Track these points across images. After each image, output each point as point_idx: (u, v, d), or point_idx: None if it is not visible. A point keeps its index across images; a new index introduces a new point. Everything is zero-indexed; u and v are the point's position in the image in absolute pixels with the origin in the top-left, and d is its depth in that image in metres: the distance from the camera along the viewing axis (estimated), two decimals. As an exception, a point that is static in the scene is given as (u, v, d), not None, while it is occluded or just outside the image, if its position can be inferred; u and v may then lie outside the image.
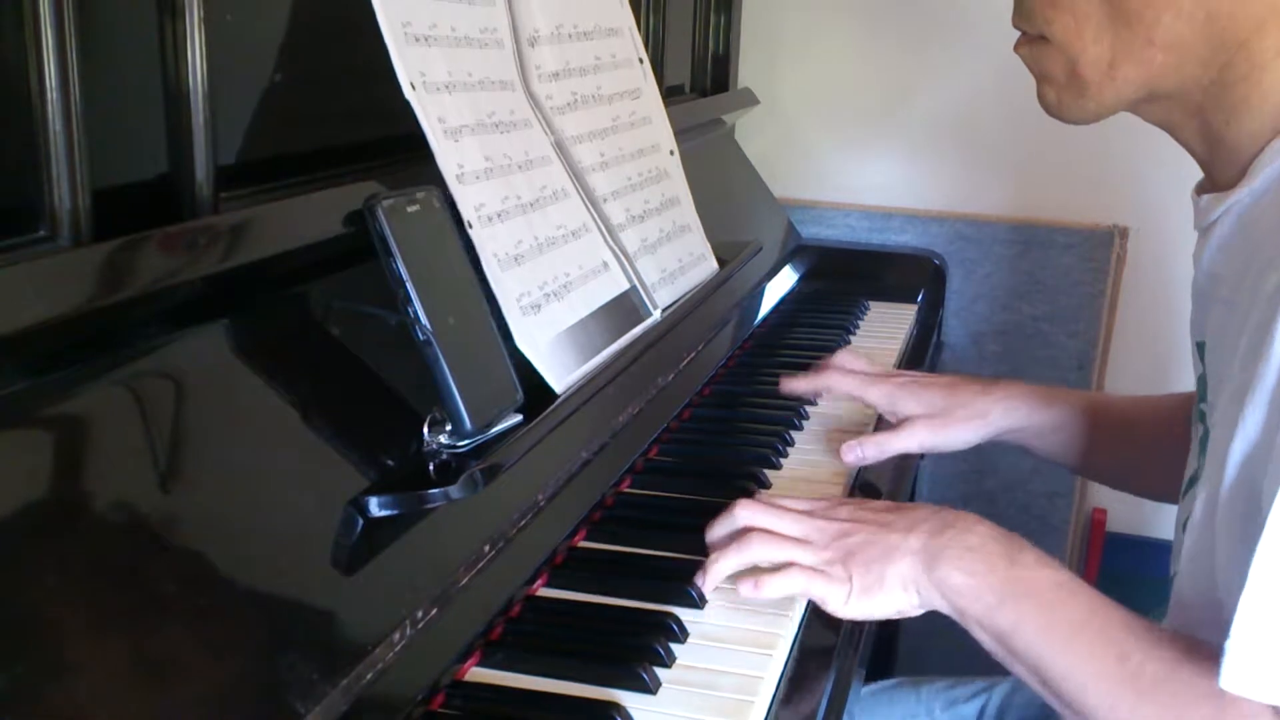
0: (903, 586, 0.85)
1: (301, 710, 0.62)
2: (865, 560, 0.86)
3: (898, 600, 0.85)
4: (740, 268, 1.46)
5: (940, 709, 1.16)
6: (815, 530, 0.89)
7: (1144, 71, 0.81)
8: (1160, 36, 0.79)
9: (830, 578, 0.86)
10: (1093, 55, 0.82)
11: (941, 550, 0.84)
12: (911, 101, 1.97)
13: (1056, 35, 0.83)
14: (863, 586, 0.86)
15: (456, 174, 0.91)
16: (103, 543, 0.61)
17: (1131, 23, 0.79)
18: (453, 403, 0.82)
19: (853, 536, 0.87)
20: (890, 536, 0.86)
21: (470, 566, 0.80)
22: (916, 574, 0.85)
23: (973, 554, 0.84)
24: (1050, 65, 0.85)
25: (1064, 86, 0.85)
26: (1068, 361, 1.94)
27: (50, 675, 0.55)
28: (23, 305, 0.60)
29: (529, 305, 0.96)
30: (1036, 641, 0.80)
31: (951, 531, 0.85)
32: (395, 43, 0.88)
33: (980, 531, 0.86)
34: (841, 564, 0.86)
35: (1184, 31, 0.78)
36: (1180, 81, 0.81)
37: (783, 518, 0.90)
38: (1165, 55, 0.79)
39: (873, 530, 0.87)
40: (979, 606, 0.82)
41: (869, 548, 0.86)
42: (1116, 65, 0.81)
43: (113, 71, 0.73)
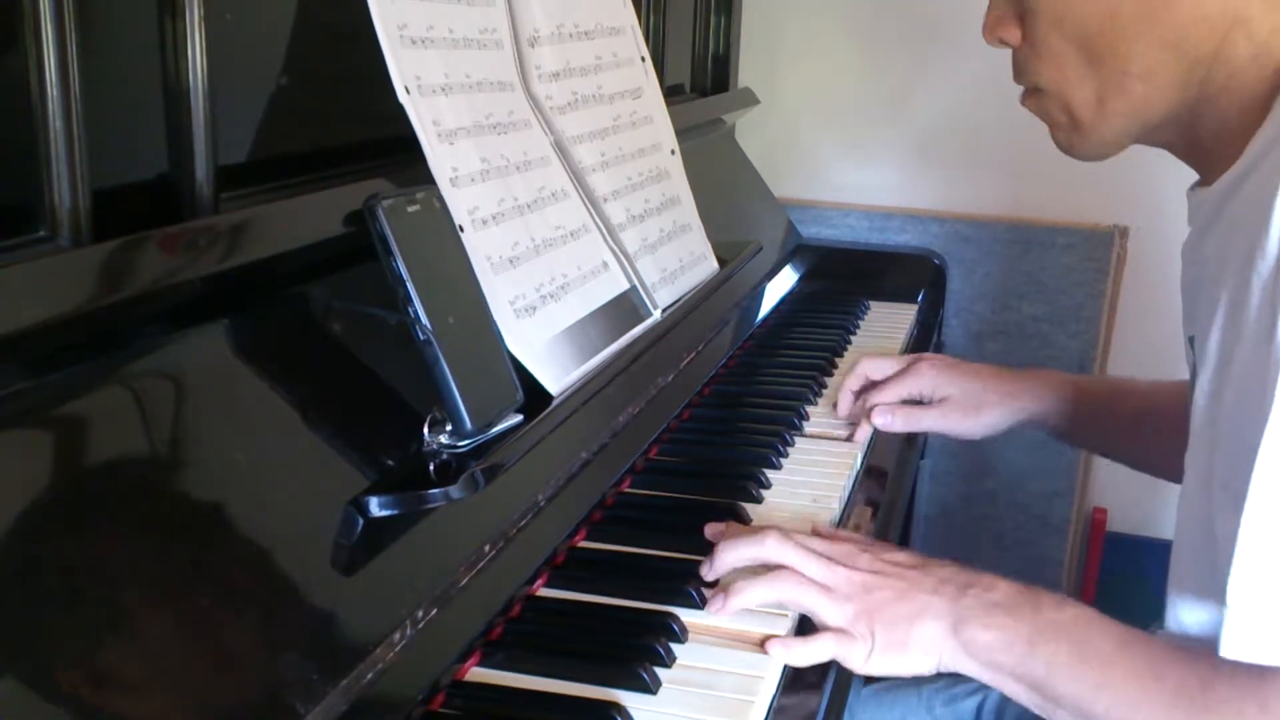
0: (925, 650, 0.84)
1: (301, 710, 0.62)
2: (890, 619, 0.85)
3: (918, 663, 0.85)
4: (740, 268, 1.46)
5: (940, 706, 1.16)
6: (839, 579, 0.87)
7: (1130, 102, 0.86)
8: (1134, 66, 0.84)
9: (853, 637, 0.85)
10: (1082, 96, 0.87)
11: (967, 611, 0.84)
12: (912, 101, 1.97)
13: (1046, 84, 0.90)
14: (885, 644, 0.85)
15: (450, 177, 0.91)
16: (102, 543, 0.61)
17: (1105, 59, 0.85)
18: (453, 403, 0.82)
19: (876, 592, 0.86)
20: (916, 596, 0.86)
21: (470, 566, 0.80)
22: (941, 638, 0.84)
23: (998, 609, 0.84)
24: (1052, 112, 0.91)
25: (1069, 130, 0.91)
26: (1068, 361, 1.94)
27: (50, 675, 0.55)
28: (23, 305, 0.60)
29: (523, 308, 0.96)
30: (1073, 679, 0.80)
31: (975, 590, 0.85)
32: (391, 46, 0.88)
33: (1002, 588, 0.86)
34: (865, 620, 0.85)
35: (1155, 56, 0.83)
36: (1167, 105, 0.85)
37: (808, 560, 0.88)
38: (1144, 84, 0.84)
39: (896, 587, 0.86)
40: (1011, 658, 0.82)
41: (894, 605, 0.85)
42: (1105, 101, 0.86)
43: (113, 71, 0.73)
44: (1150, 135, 0.89)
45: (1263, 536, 0.72)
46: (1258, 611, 0.73)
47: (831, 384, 1.41)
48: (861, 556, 0.89)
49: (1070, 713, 0.81)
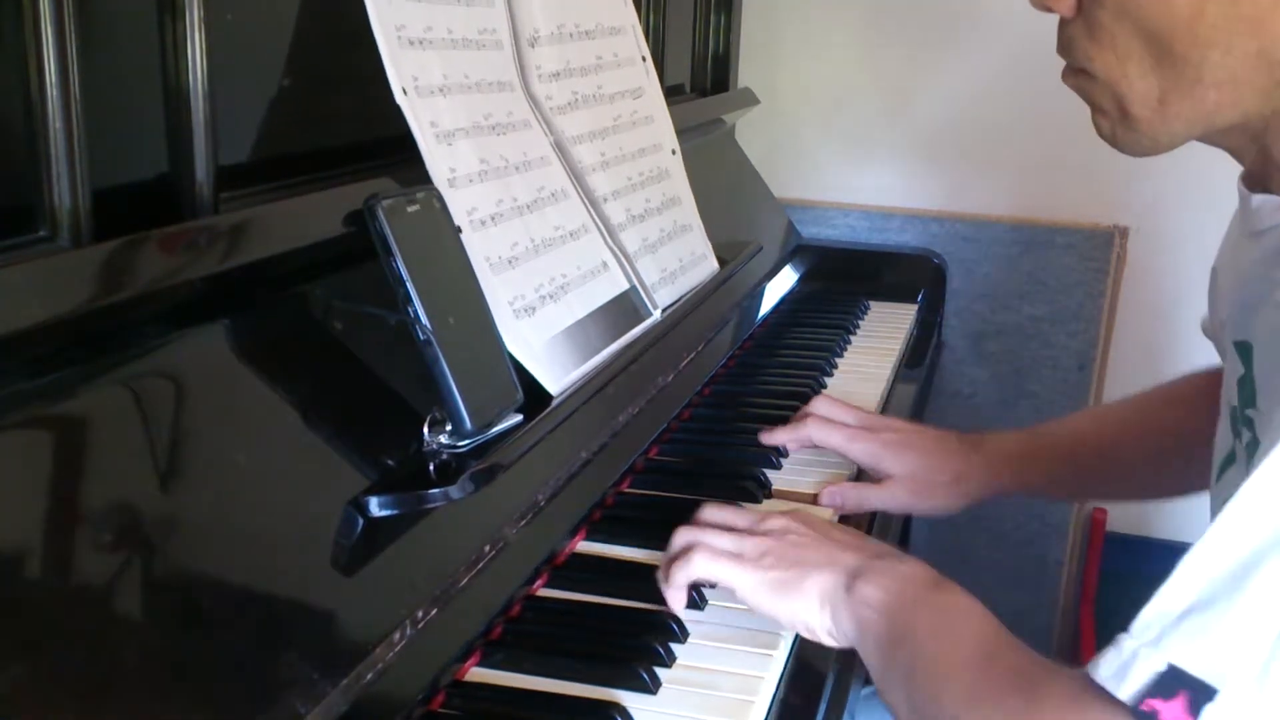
0: (818, 599, 0.82)
1: (301, 710, 0.62)
2: (793, 560, 0.84)
3: (807, 611, 0.83)
4: (740, 268, 1.46)
5: None
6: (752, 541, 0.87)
7: (1199, 108, 0.76)
8: (1210, 75, 0.74)
9: (743, 561, 0.84)
10: (1140, 91, 0.77)
11: (870, 570, 0.82)
12: (912, 101, 1.97)
13: (1099, 72, 0.79)
14: (778, 580, 0.83)
15: (448, 178, 0.91)
16: (102, 543, 0.61)
17: (1177, 61, 0.75)
18: (453, 403, 0.82)
19: (790, 536, 0.86)
20: (827, 546, 0.85)
21: (470, 566, 0.80)
22: (836, 590, 0.82)
23: (897, 576, 0.82)
24: (1099, 99, 0.81)
25: (1117, 121, 0.81)
26: (1068, 361, 1.94)
27: (50, 675, 0.55)
28: (23, 305, 0.60)
29: (522, 308, 0.96)
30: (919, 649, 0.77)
31: (889, 558, 0.84)
32: (388, 47, 0.88)
33: (915, 564, 0.83)
34: (768, 554, 0.84)
35: (1235, 67, 0.74)
36: (1241, 114, 0.76)
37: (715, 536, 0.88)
38: (1219, 92, 0.75)
39: (814, 538, 0.86)
40: (879, 616, 0.80)
41: (800, 548, 0.85)
42: (1167, 102, 0.77)
43: (113, 71, 0.73)
44: (1212, 138, 0.81)
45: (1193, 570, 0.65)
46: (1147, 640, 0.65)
47: (831, 384, 1.41)
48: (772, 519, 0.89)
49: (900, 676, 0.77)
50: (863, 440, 1.13)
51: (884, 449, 1.12)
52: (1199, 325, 1.05)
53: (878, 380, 1.44)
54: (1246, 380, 0.83)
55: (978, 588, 0.83)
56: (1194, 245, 1.80)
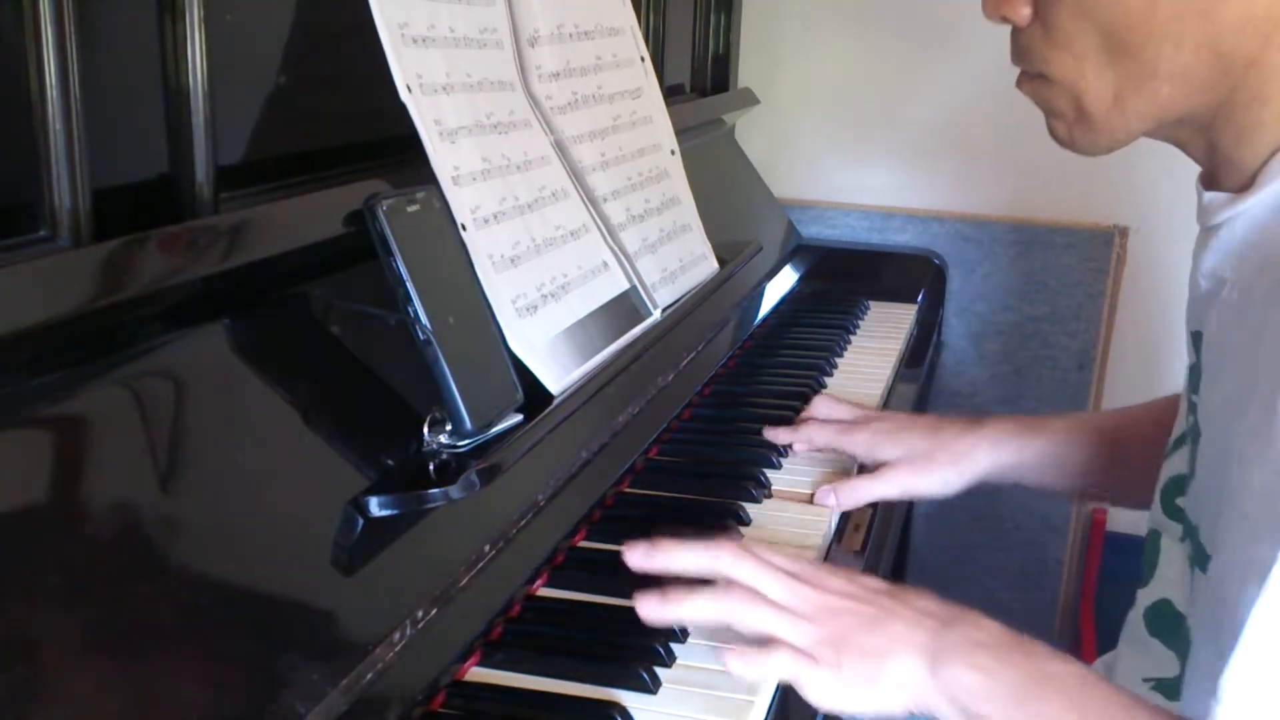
0: (898, 687, 0.76)
1: (301, 710, 0.62)
2: (861, 649, 0.76)
3: (889, 701, 0.76)
4: (740, 268, 1.46)
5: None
6: (803, 600, 0.78)
7: (1152, 103, 0.78)
8: (1164, 68, 0.76)
9: (818, 662, 0.76)
10: (1096, 91, 0.79)
11: (950, 648, 0.75)
12: (912, 101, 1.97)
13: (1056, 74, 0.81)
14: (855, 678, 0.76)
15: (452, 176, 0.91)
16: (103, 543, 0.61)
17: (1133, 56, 0.77)
18: (453, 403, 0.82)
19: (845, 616, 0.78)
20: (892, 625, 0.77)
21: (470, 566, 0.80)
22: (918, 676, 0.75)
23: (984, 649, 0.75)
24: (1056, 102, 0.83)
25: (1073, 123, 0.83)
26: (1068, 361, 1.94)
27: (50, 675, 0.55)
28: (23, 305, 0.60)
29: (524, 307, 0.96)
30: None
31: (959, 626, 0.77)
32: (392, 44, 0.88)
33: (988, 627, 0.77)
34: (831, 647, 0.76)
35: (1188, 60, 0.76)
36: (1190, 107, 0.78)
37: (769, 577, 0.79)
38: (1171, 86, 0.77)
39: (871, 614, 0.78)
40: (994, 706, 0.74)
41: (866, 634, 0.77)
42: (1122, 99, 0.79)
43: (113, 71, 0.73)
44: (1163, 133, 0.83)
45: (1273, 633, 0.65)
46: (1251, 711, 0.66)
47: (831, 384, 1.41)
48: (832, 579, 0.80)
49: None
50: (857, 431, 1.12)
51: (878, 436, 1.11)
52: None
53: (878, 380, 1.44)
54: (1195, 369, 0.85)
55: (978, 588, 0.83)
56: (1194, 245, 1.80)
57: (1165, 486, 0.91)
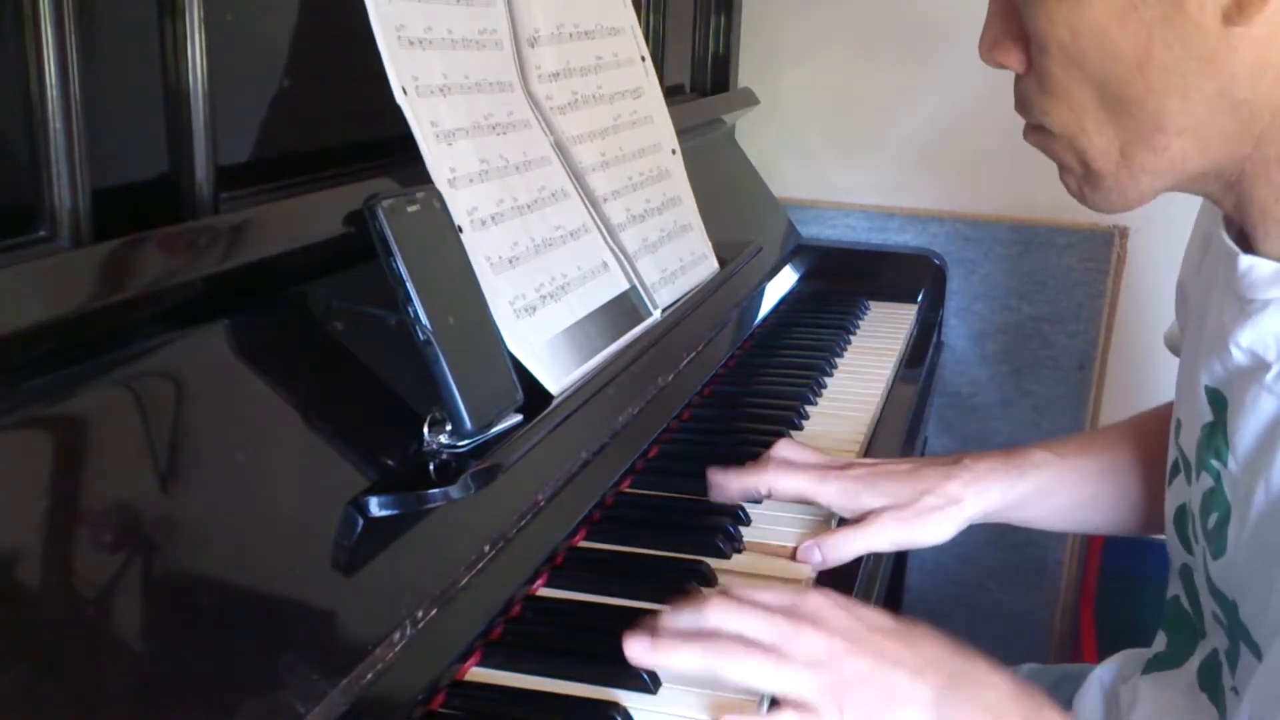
0: None
1: (301, 710, 0.62)
2: (863, 700, 0.71)
3: None
4: (740, 268, 1.46)
5: None
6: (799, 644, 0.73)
7: (1163, 159, 0.71)
8: (1171, 122, 0.69)
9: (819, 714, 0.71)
10: (1099, 146, 0.73)
11: (954, 708, 0.71)
12: (912, 101, 1.97)
13: (1056, 127, 0.75)
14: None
15: (448, 178, 0.91)
16: (102, 543, 0.61)
17: (1133, 112, 0.70)
18: (453, 403, 0.82)
19: (847, 662, 0.72)
20: (895, 675, 0.72)
21: (470, 566, 0.80)
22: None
23: (990, 714, 0.72)
24: (1062, 156, 0.77)
25: (1082, 178, 0.77)
26: (1068, 361, 1.94)
27: (50, 675, 0.55)
28: (23, 305, 0.60)
29: (523, 308, 0.96)
30: None
31: (966, 684, 0.73)
32: (388, 47, 0.88)
33: (997, 685, 0.73)
34: (833, 696, 0.71)
35: (1199, 112, 0.68)
36: (1210, 161, 0.71)
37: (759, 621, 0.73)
38: (1183, 140, 0.70)
39: (872, 660, 0.73)
40: None
41: (868, 685, 0.72)
42: (1130, 155, 0.72)
43: (113, 71, 0.73)
44: (1189, 187, 0.75)
45: None
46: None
47: (831, 384, 1.41)
48: (833, 613, 0.75)
49: None
50: (833, 480, 1.00)
51: (857, 483, 0.99)
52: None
53: (877, 380, 1.43)
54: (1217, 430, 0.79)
55: (978, 588, 0.82)
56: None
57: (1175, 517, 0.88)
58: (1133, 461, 1.05)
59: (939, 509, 0.98)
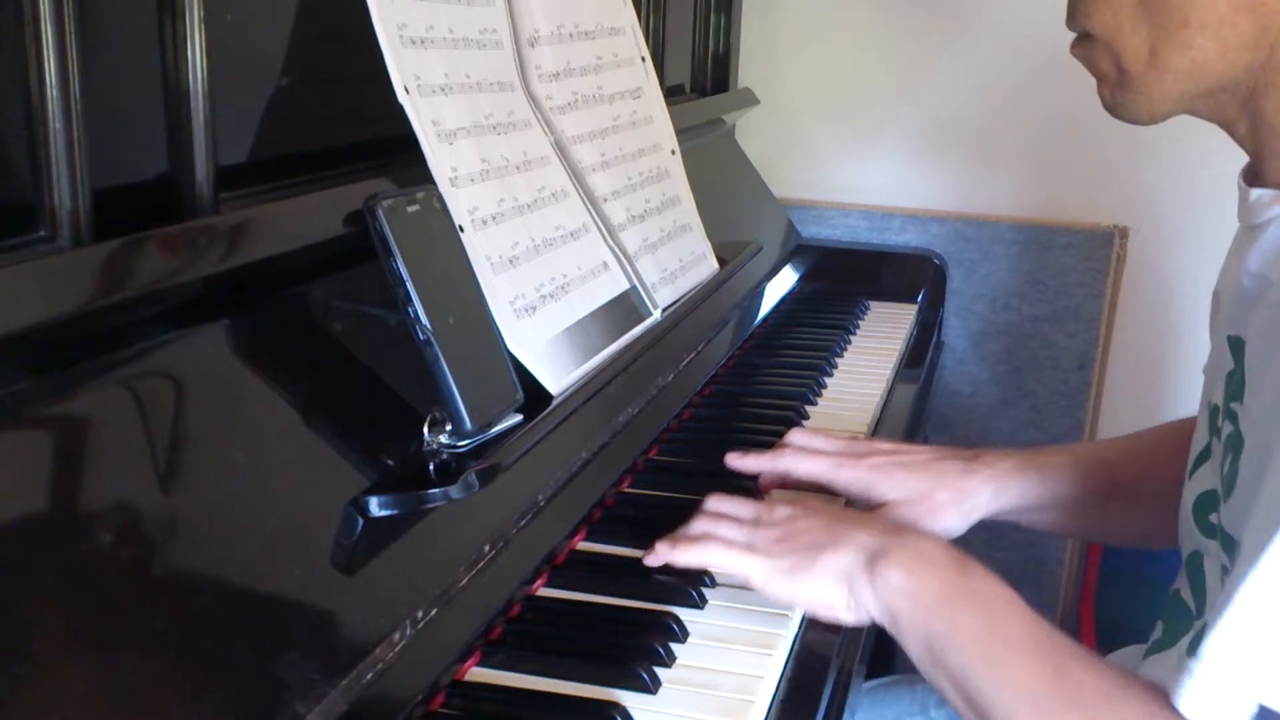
0: (834, 579, 0.83)
1: (301, 710, 0.62)
2: (805, 543, 0.85)
3: (825, 593, 0.83)
4: (740, 267, 1.46)
5: (934, 706, 1.16)
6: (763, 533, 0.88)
7: (1186, 58, 0.79)
8: (1196, 15, 0.77)
9: (755, 551, 0.85)
10: (1133, 47, 0.81)
11: (889, 549, 0.82)
12: (912, 101, 1.97)
13: (1097, 30, 0.83)
14: (791, 566, 0.84)
15: (450, 177, 0.91)
16: (102, 543, 0.61)
17: (1163, 5, 0.78)
18: (453, 403, 0.82)
19: (800, 521, 0.87)
20: (839, 526, 0.85)
21: (470, 566, 0.80)
22: (855, 568, 0.82)
23: (920, 558, 0.81)
24: (1100, 62, 0.85)
25: (1116, 84, 0.84)
26: (1068, 362, 1.94)
27: (50, 675, 0.55)
28: (23, 305, 0.60)
29: (523, 308, 0.96)
30: (970, 649, 0.77)
31: (905, 534, 0.84)
32: (390, 46, 0.88)
33: (933, 541, 0.84)
34: (780, 541, 0.85)
35: (1220, 9, 0.76)
36: (1229, 67, 0.79)
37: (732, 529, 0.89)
38: (1204, 36, 0.77)
39: (824, 519, 0.87)
40: (915, 606, 0.80)
41: (812, 533, 0.85)
42: (1158, 54, 0.80)
43: (113, 71, 0.73)
44: (1205, 104, 0.82)
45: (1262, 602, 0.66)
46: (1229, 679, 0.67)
47: (831, 384, 1.41)
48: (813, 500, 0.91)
49: (949, 682, 0.78)
50: (849, 467, 1.03)
51: (874, 473, 1.02)
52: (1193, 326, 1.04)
53: (878, 380, 1.43)
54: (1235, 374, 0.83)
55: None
56: (1194, 245, 1.80)
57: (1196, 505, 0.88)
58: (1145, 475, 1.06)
59: (952, 505, 1.01)
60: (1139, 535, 1.08)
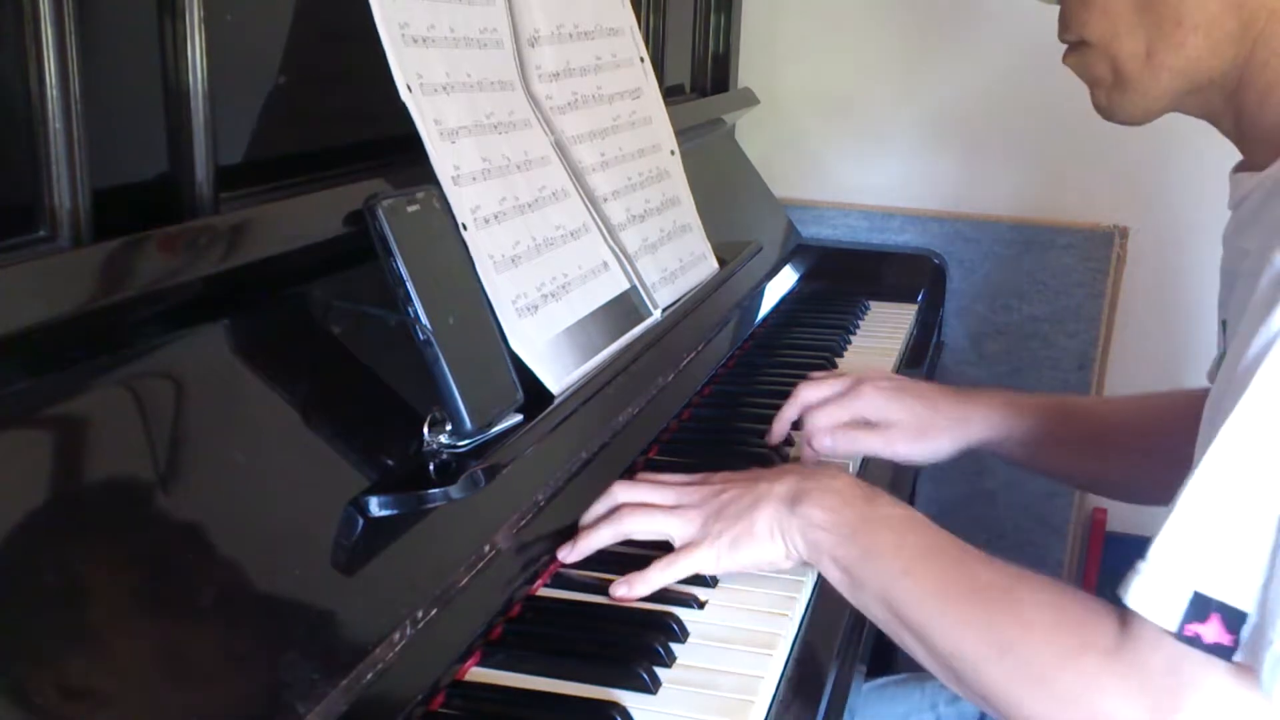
0: (769, 533, 0.88)
1: (301, 710, 0.62)
2: (735, 513, 0.89)
3: (766, 549, 0.88)
4: (740, 267, 1.46)
5: (944, 704, 1.16)
6: (687, 495, 0.93)
7: (1180, 56, 0.83)
8: (1188, 16, 0.81)
9: (698, 543, 0.89)
10: (1130, 49, 0.85)
11: (806, 491, 0.88)
12: (912, 101, 1.97)
13: (1093, 36, 0.87)
14: (732, 538, 0.89)
15: (452, 176, 0.91)
16: (102, 543, 0.61)
17: (1157, 8, 0.82)
18: (453, 402, 0.82)
19: (722, 494, 0.91)
20: (758, 486, 0.90)
21: (470, 566, 0.80)
22: (781, 516, 0.88)
23: (834, 494, 0.88)
24: (1095, 68, 0.88)
25: (1111, 87, 0.88)
26: (1068, 362, 1.94)
27: (49, 675, 0.55)
28: (23, 305, 0.60)
29: (525, 307, 0.96)
30: (887, 566, 0.83)
31: (818, 476, 0.90)
32: (393, 44, 0.88)
33: (844, 479, 0.90)
34: (714, 520, 0.90)
35: (1213, 9, 0.81)
36: (1217, 63, 0.83)
37: (656, 490, 0.93)
38: (1196, 35, 0.82)
39: (742, 485, 0.91)
40: (833, 539, 0.86)
41: (738, 500, 0.90)
42: (1154, 54, 0.84)
43: (113, 71, 0.73)
44: (1194, 100, 0.87)
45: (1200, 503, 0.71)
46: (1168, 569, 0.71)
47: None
48: (715, 475, 0.94)
49: (875, 600, 0.83)
50: (863, 395, 1.14)
51: (882, 395, 1.15)
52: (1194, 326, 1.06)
53: (878, 380, 1.43)
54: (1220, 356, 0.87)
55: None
56: (1194, 245, 1.80)
57: None
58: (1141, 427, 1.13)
59: (945, 429, 1.13)
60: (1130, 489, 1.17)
